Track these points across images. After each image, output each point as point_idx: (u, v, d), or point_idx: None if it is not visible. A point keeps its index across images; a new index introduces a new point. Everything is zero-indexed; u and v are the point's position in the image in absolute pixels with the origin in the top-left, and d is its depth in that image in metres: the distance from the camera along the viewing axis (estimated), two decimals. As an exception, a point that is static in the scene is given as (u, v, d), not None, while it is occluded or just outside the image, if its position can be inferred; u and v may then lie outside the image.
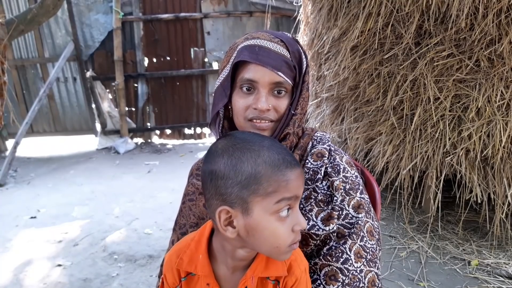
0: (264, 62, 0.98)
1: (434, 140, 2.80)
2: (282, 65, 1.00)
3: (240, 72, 1.02)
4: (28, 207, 3.95)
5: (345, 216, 1.00)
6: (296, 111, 1.06)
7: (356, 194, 1.03)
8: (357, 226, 0.99)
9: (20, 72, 5.90)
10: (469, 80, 2.74)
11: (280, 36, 1.05)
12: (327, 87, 3.62)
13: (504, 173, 2.68)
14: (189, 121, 6.55)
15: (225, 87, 1.06)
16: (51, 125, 6.30)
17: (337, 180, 1.04)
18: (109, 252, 2.99)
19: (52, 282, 2.67)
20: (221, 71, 1.10)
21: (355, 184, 1.05)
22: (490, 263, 2.75)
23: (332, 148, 1.11)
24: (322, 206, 1.03)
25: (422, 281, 2.61)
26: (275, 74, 0.99)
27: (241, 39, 1.08)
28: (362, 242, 0.98)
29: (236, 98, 1.05)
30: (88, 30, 5.86)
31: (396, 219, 3.47)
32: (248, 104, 1.02)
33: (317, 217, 1.02)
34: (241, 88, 1.03)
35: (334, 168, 1.06)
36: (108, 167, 5.27)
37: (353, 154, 3.31)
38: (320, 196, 1.04)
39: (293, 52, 1.04)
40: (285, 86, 1.03)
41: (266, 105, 1.00)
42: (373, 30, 2.98)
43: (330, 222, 1.00)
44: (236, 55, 1.03)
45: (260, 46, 1.01)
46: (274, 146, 0.83)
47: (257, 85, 1.01)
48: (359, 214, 1.00)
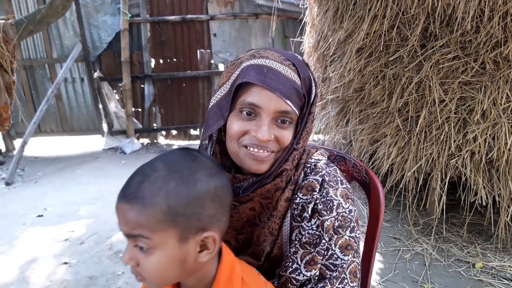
0: (272, 87, 0.85)
1: (439, 142, 2.80)
2: (291, 92, 0.88)
3: (242, 94, 0.89)
4: (35, 206, 3.98)
5: (330, 256, 0.91)
6: (298, 146, 0.95)
7: (346, 232, 0.92)
8: (340, 269, 0.90)
9: (28, 72, 5.96)
10: (474, 82, 2.74)
11: (291, 59, 0.92)
12: (332, 89, 3.63)
13: (509, 175, 2.67)
14: (195, 122, 6.58)
15: (222, 107, 0.93)
16: (59, 125, 6.35)
17: (328, 220, 0.91)
18: (115, 251, 3.02)
19: (58, 279, 2.70)
20: (219, 87, 0.96)
21: (346, 221, 0.93)
22: (495, 266, 2.75)
23: (326, 178, 0.96)
24: (309, 248, 0.93)
25: (426, 283, 2.60)
26: (283, 101, 0.87)
27: (247, 55, 0.94)
28: (341, 284, 0.90)
29: (232, 120, 0.92)
30: (95, 31, 5.91)
31: (400, 221, 3.47)
32: (246, 130, 0.90)
33: (302, 260, 0.93)
34: (241, 111, 0.90)
35: (326, 204, 0.93)
36: (114, 167, 5.31)
37: (358, 156, 3.32)
38: (305, 238, 0.93)
39: (304, 79, 0.92)
40: (291, 116, 0.90)
41: (268, 135, 0.88)
42: (379, 32, 3.00)
43: (312, 268, 0.91)
44: (240, 74, 0.90)
45: (269, 68, 0.88)
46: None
47: (260, 111, 0.88)
48: (346, 256, 0.91)
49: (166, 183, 0.73)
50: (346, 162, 1.30)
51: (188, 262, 0.77)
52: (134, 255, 0.75)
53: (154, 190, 0.72)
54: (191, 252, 0.76)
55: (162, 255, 0.74)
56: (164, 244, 0.73)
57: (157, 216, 0.71)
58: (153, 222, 0.71)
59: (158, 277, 0.76)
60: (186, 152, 0.81)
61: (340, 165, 1.29)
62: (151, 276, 0.76)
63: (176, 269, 0.76)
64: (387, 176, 3.11)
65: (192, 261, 0.77)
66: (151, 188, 0.72)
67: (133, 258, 0.75)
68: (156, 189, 0.72)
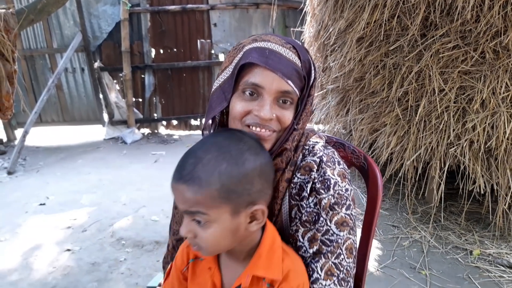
0: (274, 67, 0.89)
1: (438, 131, 2.82)
2: (292, 73, 0.91)
3: (244, 75, 0.92)
4: (37, 195, 4.02)
5: (325, 231, 0.94)
6: (297, 126, 0.99)
7: (342, 210, 0.95)
8: (335, 244, 0.93)
9: (28, 62, 5.97)
10: (474, 72, 2.75)
11: (292, 42, 0.96)
12: (333, 78, 3.64)
13: (507, 164, 2.70)
14: (195, 112, 6.59)
15: (225, 90, 0.96)
16: (59, 115, 6.37)
17: (325, 198, 0.95)
18: (117, 238, 3.06)
19: (61, 265, 2.74)
20: (221, 71, 1.00)
21: (342, 199, 0.96)
22: (492, 253, 2.79)
23: (324, 158, 0.99)
24: (308, 226, 0.96)
25: (424, 269, 2.65)
26: (284, 82, 0.90)
27: (248, 40, 0.98)
28: (337, 259, 0.92)
29: (235, 101, 0.95)
30: (96, 21, 5.90)
31: (399, 210, 3.50)
32: (249, 109, 0.93)
33: (303, 238, 0.96)
34: (244, 92, 0.93)
35: (324, 183, 0.96)
36: (115, 156, 5.34)
37: (358, 145, 3.34)
38: (305, 216, 0.97)
39: (304, 61, 0.95)
40: (292, 96, 0.94)
41: (270, 114, 0.91)
42: (379, 22, 3.00)
43: (314, 244, 0.94)
44: (242, 56, 0.93)
45: (271, 50, 0.91)
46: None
47: (263, 91, 0.91)
48: (341, 232, 0.94)
49: (218, 164, 0.80)
50: (345, 149, 1.32)
51: (239, 232, 0.86)
52: (192, 228, 0.83)
53: (208, 171, 0.79)
54: (242, 223, 0.85)
55: (217, 228, 0.82)
56: (219, 218, 0.81)
57: (212, 195, 0.79)
58: (209, 200, 0.79)
59: (214, 246, 0.85)
60: (231, 134, 0.89)
61: (339, 151, 1.31)
62: (207, 246, 0.85)
63: (229, 238, 0.85)
64: (386, 165, 3.13)
65: (243, 231, 0.86)
66: (205, 169, 0.79)
67: (191, 230, 0.84)
68: (210, 170, 0.79)
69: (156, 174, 4.59)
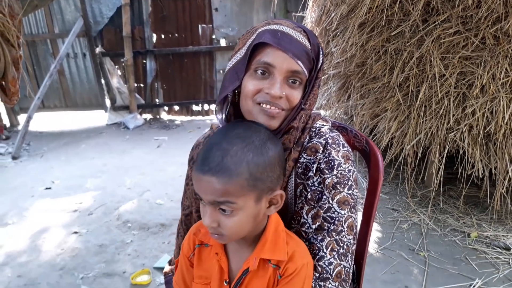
0: (285, 48, 0.94)
1: (438, 117, 2.86)
2: (302, 54, 0.97)
3: (257, 55, 0.98)
4: (43, 179, 4.09)
5: (327, 209, 1.00)
6: (305, 106, 1.04)
7: (344, 189, 1.00)
8: (337, 222, 0.98)
9: (30, 47, 5.98)
10: (474, 57, 2.78)
11: (302, 27, 1.03)
12: (334, 64, 3.66)
13: (506, 149, 2.74)
14: (197, 97, 6.62)
15: (238, 70, 1.01)
16: (62, 100, 6.41)
17: (329, 178, 1.00)
18: (123, 221, 3.13)
19: (69, 247, 2.82)
20: (235, 53, 1.05)
21: (345, 179, 1.01)
22: (489, 236, 2.86)
23: (330, 140, 1.05)
24: (312, 204, 1.02)
25: (422, 251, 2.72)
26: (294, 62, 0.96)
27: (262, 23, 1.04)
28: (338, 236, 0.98)
29: (247, 80, 1.00)
30: (97, 6, 5.88)
31: (399, 194, 3.57)
32: (260, 88, 0.98)
33: (307, 215, 1.02)
34: (256, 71, 0.98)
35: (329, 163, 1.02)
36: (118, 142, 5.39)
37: (359, 130, 3.37)
38: (310, 194, 1.03)
39: (313, 44, 1.01)
40: (301, 76, 0.99)
41: (280, 92, 0.96)
42: (381, 7, 3.01)
43: (317, 221, 1.00)
44: (255, 38, 0.98)
45: (283, 32, 0.97)
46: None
47: (274, 70, 0.96)
48: (342, 210, 0.99)
49: (245, 155, 0.85)
50: (347, 133, 1.37)
51: (259, 217, 0.92)
52: (216, 218, 0.87)
53: (237, 162, 0.84)
54: (263, 208, 0.91)
55: (242, 215, 0.87)
56: (245, 206, 0.86)
57: (242, 184, 0.84)
58: (238, 189, 0.84)
59: (237, 232, 0.90)
60: (248, 125, 0.96)
61: (342, 135, 1.35)
62: (231, 233, 0.89)
63: (251, 224, 0.91)
64: (387, 150, 3.18)
65: (262, 216, 0.93)
66: (233, 160, 0.84)
67: (215, 220, 0.87)
68: (239, 161, 0.84)
69: (159, 159, 4.65)
